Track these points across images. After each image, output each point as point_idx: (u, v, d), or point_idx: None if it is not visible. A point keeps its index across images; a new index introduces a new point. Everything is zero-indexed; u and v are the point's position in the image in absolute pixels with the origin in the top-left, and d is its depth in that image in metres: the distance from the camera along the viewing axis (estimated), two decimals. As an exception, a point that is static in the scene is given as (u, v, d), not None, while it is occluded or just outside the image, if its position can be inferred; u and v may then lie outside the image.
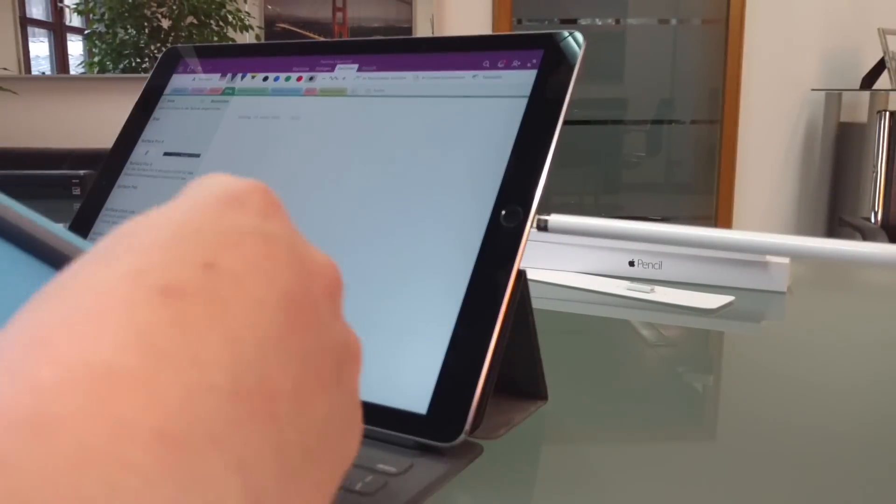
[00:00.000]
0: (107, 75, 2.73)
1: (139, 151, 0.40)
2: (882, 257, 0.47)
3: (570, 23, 2.85)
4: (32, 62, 2.87)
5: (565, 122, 0.31)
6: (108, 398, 0.10)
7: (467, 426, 0.27)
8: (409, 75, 0.35)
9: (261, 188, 0.16)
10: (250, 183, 0.16)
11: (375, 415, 0.28)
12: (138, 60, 2.73)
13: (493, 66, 0.33)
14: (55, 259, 0.17)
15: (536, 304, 0.32)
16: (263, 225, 0.15)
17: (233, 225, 0.14)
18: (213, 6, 2.66)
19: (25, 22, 2.84)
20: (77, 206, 0.40)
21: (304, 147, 0.36)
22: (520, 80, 0.33)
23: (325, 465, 0.14)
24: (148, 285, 0.12)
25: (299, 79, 0.38)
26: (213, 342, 0.12)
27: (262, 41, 2.67)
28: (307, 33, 2.78)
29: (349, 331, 0.16)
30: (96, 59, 2.77)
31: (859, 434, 0.33)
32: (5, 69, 2.66)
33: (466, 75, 0.34)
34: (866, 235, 1.75)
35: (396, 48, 0.36)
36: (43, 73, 2.92)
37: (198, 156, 0.38)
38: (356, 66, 0.37)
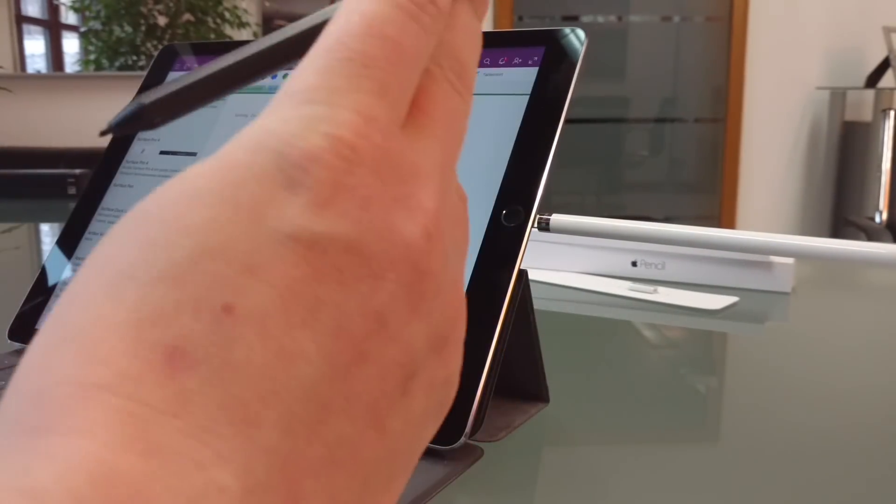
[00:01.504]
0: (103, 73, 2.73)
1: (135, 150, 0.40)
2: (887, 257, 0.47)
3: (572, 20, 2.85)
4: (28, 60, 2.88)
5: (567, 121, 0.30)
6: None
7: (467, 429, 0.26)
8: (408, 73, 0.35)
9: (327, 154, 0.12)
10: (315, 146, 0.11)
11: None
12: (134, 58, 2.73)
13: (494, 64, 0.33)
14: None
15: (538, 304, 0.31)
16: (315, 223, 0.11)
17: (274, 230, 0.11)
18: (210, 3, 2.66)
19: (21, 20, 2.85)
20: (73, 205, 0.40)
21: (302, 145, 0.35)
22: (521, 78, 0.32)
23: None
24: (151, 344, 0.10)
25: (297, 76, 0.37)
26: (222, 430, 0.10)
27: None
28: (307, 31, 2.78)
29: (438, 315, 0.13)
30: (92, 57, 2.77)
31: (865, 435, 0.33)
32: (1, 67, 2.66)
33: (467, 73, 0.33)
34: (871, 235, 1.74)
35: (396, 45, 0.36)
36: (38, 71, 2.92)
37: (194, 154, 0.38)
38: (355, 63, 0.36)
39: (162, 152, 0.39)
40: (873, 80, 2.55)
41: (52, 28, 2.95)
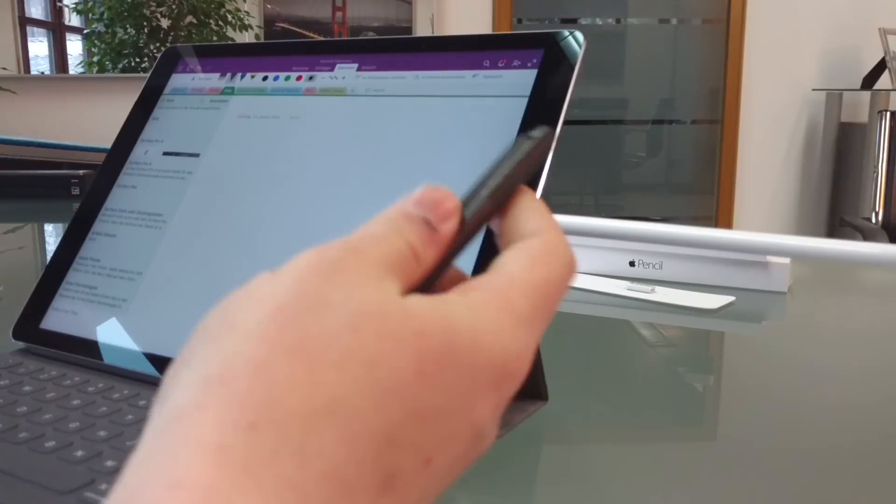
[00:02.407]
0: (106, 75, 2.73)
1: (138, 151, 0.40)
2: (883, 257, 0.47)
3: (571, 22, 2.85)
4: (32, 62, 2.88)
5: (565, 122, 0.31)
6: None
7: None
8: (409, 75, 0.35)
9: (522, 376, 0.16)
10: (523, 367, 0.16)
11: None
12: (137, 60, 2.73)
13: (494, 66, 0.33)
14: None
15: (537, 304, 0.32)
16: (492, 422, 0.15)
17: (475, 422, 0.15)
18: (213, 5, 2.67)
19: (24, 21, 2.85)
20: (77, 205, 0.40)
21: (304, 147, 0.36)
22: (520, 80, 0.32)
23: None
24: (375, 465, 0.13)
25: (299, 78, 0.38)
26: None
27: (262, 41, 2.68)
28: (306, 33, 2.79)
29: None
30: (95, 59, 2.77)
31: (860, 434, 0.33)
32: (5, 69, 2.66)
33: (466, 75, 0.34)
34: (867, 235, 1.75)
35: (396, 48, 0.36)
36: (42, 72, 2.92)
37: (197, 155, 0.38)
38: (356, 65, 0.37)
39: (165, 153, 0.39)
40: (869, 81, 2.56)
41: (56, 30, 2.95)
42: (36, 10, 2.93)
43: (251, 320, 0.14)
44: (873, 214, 1.98)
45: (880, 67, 2.51)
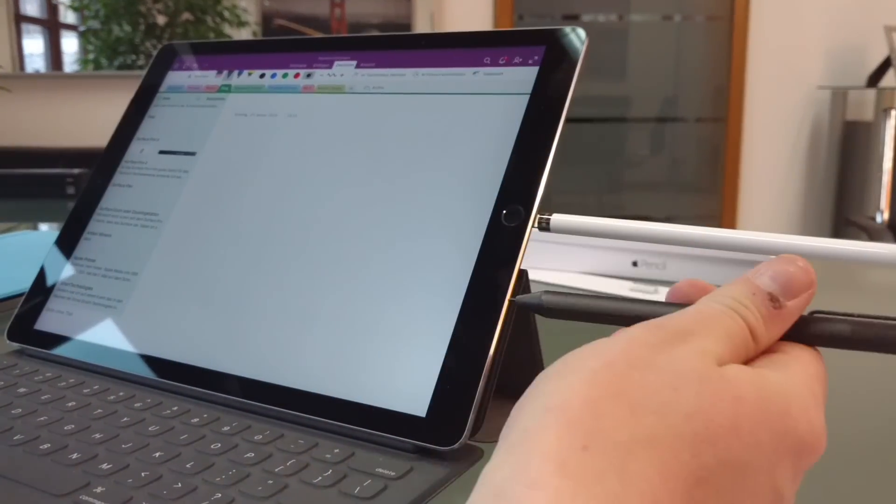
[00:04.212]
0: (102, 72, 2.73)
1: (134, 149, 0.40)
2: (888, 257, 0.47)
3: (573, 19, 2.85)
4: (26, 59, 2.88)
5: (567, 120, 0.30)
6: None
7: (467, 429, 0.26)
8: (408, 72, 0.35)
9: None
10: (822, 438, 0.18)
11: (374, 418, 0.27)
12: (133, 57, 2.73)
13: (494, 63, 0.33)
14: None
15: (538, 305, 0.31)
16: (791, 490, 0.18)
17: (775, 485, 0.17)
18: (209, 2, 2.67)
19: (19, 19, 2.85)
20: (71, 204, 0.40)
21: (302, 145, 0.35)
22: (521, 77, 0.32)
23: None
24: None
25: (297, 76, 0.37)
26: None
27: (259, 38, 2.67)
28: (305, 29, 2.78)
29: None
30: (91, 57, 2.77)
31: (861, 434, 0.33)
32: (-1, 66, 2.67)
33: (467, 72, 0.33)
34: (872, 235, 1.74)
35: (396, 44, 0.36)
36: (37, 70, 2.93)
37: (193, 154, 0.38)
38: (354, 62, 0.36)
39: (161, 152, 0.39)
40: (874, 79, 2.55)
41: (51, 27, 2.96)
42: (31, 7, 2.93)
43: (585, 368, 0.17)
44: (878, 214, 1.97)
45: (885, 65, 2.50)
